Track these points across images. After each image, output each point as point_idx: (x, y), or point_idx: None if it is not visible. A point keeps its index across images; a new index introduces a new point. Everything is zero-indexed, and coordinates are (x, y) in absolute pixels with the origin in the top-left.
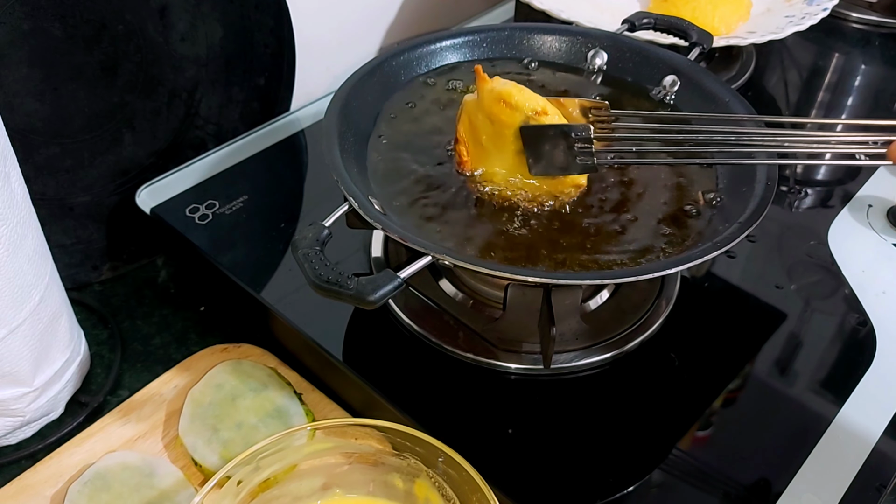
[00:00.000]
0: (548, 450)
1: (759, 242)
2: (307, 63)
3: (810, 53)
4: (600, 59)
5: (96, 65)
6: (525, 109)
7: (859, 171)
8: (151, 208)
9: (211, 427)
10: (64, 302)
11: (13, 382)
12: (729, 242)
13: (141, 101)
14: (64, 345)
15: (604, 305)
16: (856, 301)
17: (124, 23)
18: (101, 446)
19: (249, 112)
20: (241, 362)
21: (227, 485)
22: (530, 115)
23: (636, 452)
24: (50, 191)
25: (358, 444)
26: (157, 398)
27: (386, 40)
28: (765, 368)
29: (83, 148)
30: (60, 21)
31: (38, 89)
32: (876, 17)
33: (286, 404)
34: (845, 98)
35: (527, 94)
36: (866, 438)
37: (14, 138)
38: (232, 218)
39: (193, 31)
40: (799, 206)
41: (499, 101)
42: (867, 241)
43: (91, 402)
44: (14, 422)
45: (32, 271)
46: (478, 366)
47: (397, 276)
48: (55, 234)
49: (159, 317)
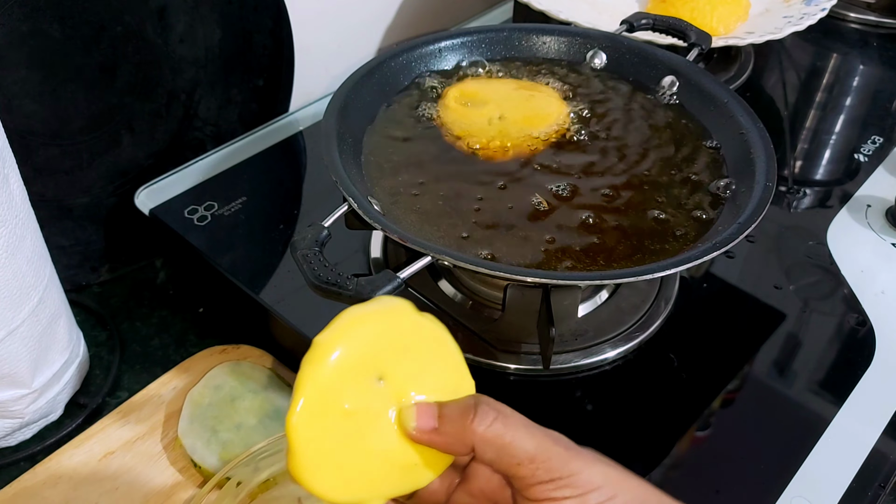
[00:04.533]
0: None
1: (757, 243)
2: (306, 64)
3: (809, 54)
4: (599, 59)
5: (95, 66)
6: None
7: (858, 171)
8: (150, 209)
9: (210, 428)
10: (63, 303)
11: (12, 384)
12: (728, 243)
13: (140, 102)
14: (63, 346)
15: (603, 306)
16: (855, 301)
17: (123, 24)
18: (100, 448)
19: (248, 113)
20: (240, 363)
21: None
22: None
23: (635, 453)
24: (49, 192)
25: None
26: (156, 399)
27: (384, 41)
28: (764, 369)
29: (82, 149)
30: (59, 22)
31: (37, 91)
32: (874, 18)
33: (285, 405)
34: (843, 98)
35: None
36: (865, 438)
37: (13, 140)
38: (231, 219)
39: (192, 33)
40: (798, 207)
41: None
42: (866, 241)
43: (90, 404)
44: (13, 423)
45: (31, 273)
46: (477, 366)
47: (397, 276)
48: (54, 235)
49: (158, 318)
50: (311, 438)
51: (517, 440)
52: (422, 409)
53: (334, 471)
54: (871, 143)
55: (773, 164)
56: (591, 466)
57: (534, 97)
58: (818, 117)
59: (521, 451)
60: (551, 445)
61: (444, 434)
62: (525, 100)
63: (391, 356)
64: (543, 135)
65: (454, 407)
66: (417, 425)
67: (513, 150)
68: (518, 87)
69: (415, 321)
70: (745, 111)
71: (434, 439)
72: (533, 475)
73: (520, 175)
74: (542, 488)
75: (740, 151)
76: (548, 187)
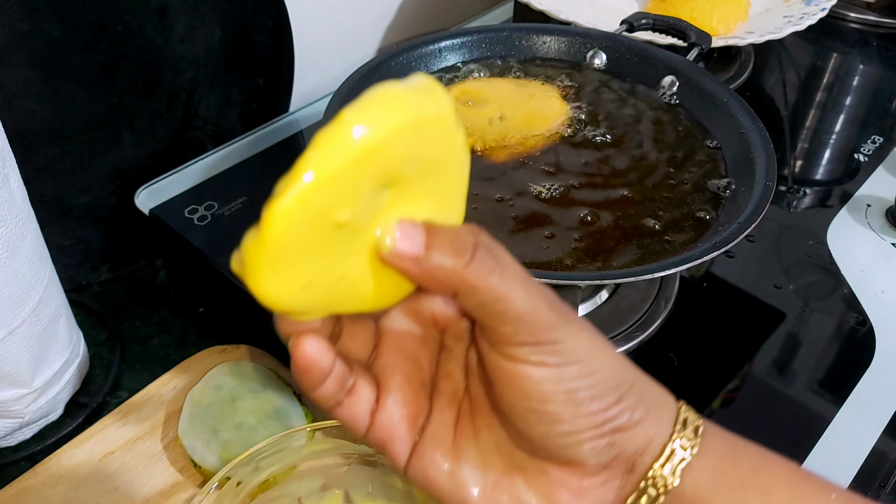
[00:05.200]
0: None
1: (757, 242)
2: (306, 64)
3: (808, 54)
4: (599, 59)
5: (95, 66)
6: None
7: (858, 171)
8: (150, 209)
9: (210, 428)
10: (63, 303)
11: (12, 384)
12: (728, 242)
13: (140, 102)
14: (63, 346)
15: (603, 305)
16: (855, 300)
17: (123, 24)
18: (100, 448)
19: (248, 113)
20: (240, 363)
21: (226, 486)
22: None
23: None
24: (49, 192)
25: (357, 445)
26: (156, 399)
27: (385, 41)
28: (763, 368)
29: (82, 149)
30: (60, 22)
31: (38, 90)
32: (874, 18)
33: (285, 405)
34: (843, 98)
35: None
36: (865, 438)
37: (13, 139)
38: (231, 219)
39: (192, 33)
40: (798, 206)
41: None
42: (866, 241)
43: (90, 404)
44: (13, 423)
45: (31, 272)
46: None
47: None
48: (54, 235)
49: (158, 318)
50: (286, 238)
51: (511, 297)
52: (406, 229)
53: (290, 277)
54: (870, 142)
55: (773, 163)
56: (579, 336)
57: (534, 97)
58: (818, 117)
59: (513, 310)
60: (546, 308)
61: (425, 269)
62: (525, 100)
63: (408, 161)
64: (544, 134)
65: (446, 239)
66: (397, 247)
67: (513, 149)
68: (518, 87)
69: (447, 125)
70: (746, 111)
71: (410, 270)
72: (516, 335)
73: (520, 174)
74: (520, 350)
75: (740, 151)
76: (548, 187)
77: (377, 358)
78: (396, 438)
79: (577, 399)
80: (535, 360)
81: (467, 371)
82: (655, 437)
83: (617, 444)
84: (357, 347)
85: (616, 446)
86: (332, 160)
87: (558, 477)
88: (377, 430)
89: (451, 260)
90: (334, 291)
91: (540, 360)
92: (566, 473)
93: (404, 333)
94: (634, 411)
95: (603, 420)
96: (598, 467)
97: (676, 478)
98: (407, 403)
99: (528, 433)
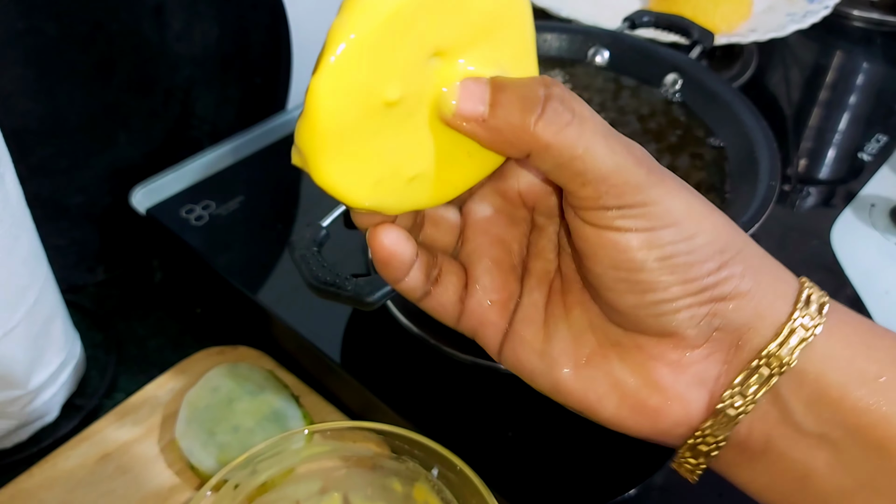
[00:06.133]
0: (549, 453)
1: (761, 242)
2: (304, 62)
3: (812, 52)
4: (601, 57)
5: (91, 64)
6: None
7: (862, 170)
8: (147, 209)
9: (207, 430)
10: (59, 304)
11: (8, 385)
12: None
13: (136, 100)
14: (59, 347)
15: None
16: (859, 301)
17: (120, 22)
18: (96, 450)
19: (246, 112)
20: (237, 365)
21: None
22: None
23: (638, 455)
24: (45, 191)
25: (356, 448)
26: (152, 401)
27: None
28: None
29: (78, 148)
30: (55, 20)
31: (33, 89)
32: (878, 16)
33: (283, 407)
34: (847, 96)
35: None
36: None
37: (8, 138)
38: (228, 219)
39: (189, 31)
40: (801, 206)
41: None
42: (870, 241)
43: (86, 405)
44: (8, 425)
45: (27, 273)
46: (478, 367)
47: None
48: (50, 235)
49: (155, 319)
50: (335, 116)
51: (591, 154)
52: (468, 87)
53: (356, 169)
54: (875, 141)
55: (776, 162)
56: (673, 197)
57: None
58: (822, 115)
59: (593, 169)
60: (632, 167)
61: (492, 129)
62: None
63: (455, 19)
64: None
65: (513, 93)
66: (460, 108)
67: None
68: None
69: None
70: (749, 109)
71: (478, 133)
72: (599, 198)
73: None
74: (606, 214)
75: (744, 149)
76: None
77: (463, 244)
78: (488, 325)
79: (673, 265)
80: (624, 225)
81: (559, 249)
82: (768, 312)
83: (720, 315)
84: (441, 236)
85: (719, 316)
86: (366, 21)
87: (655, 350)
88: (468, 318)
89: (518, 116)
90: (408, 189)
91: (628, 224)
92: (663, 346)
93: (490, 216)
94: (743, 279)
95: (702, 287)
96: (698, 339)
97: (795, 358)
98: (497, 289)
99: (618, 304)
